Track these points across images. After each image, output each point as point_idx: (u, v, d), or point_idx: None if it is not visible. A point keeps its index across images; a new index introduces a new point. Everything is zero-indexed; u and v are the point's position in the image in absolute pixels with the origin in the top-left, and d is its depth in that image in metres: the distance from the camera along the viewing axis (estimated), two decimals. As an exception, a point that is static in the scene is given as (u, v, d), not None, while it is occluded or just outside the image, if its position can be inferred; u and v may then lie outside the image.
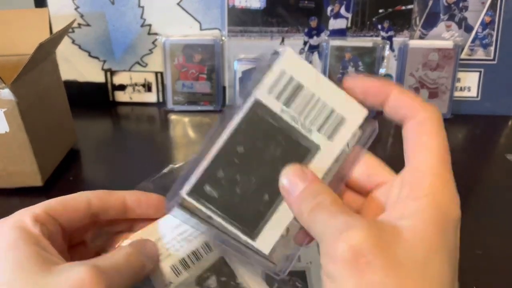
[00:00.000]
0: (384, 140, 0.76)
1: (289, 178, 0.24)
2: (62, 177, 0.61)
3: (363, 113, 0.25)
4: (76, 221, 0.28)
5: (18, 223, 0.25)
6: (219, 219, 0.24)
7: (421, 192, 0.22)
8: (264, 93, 0.24)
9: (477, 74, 0.81)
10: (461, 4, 0.77)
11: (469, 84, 0.82)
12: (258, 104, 0.24)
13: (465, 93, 0.82)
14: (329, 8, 0.78)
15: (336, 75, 0.79)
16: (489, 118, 0.81)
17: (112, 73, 0.83)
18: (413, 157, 0.24)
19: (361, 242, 0.20)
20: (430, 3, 0.77)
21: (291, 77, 0.24)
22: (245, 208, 0.24)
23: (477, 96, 0.82)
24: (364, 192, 0.28)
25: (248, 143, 0.24)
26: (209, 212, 0.24)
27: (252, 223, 0.24)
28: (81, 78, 0.84)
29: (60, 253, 0.25)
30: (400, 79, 0.79)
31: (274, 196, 0.24)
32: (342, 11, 0.77)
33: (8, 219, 0.26)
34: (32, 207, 0.27)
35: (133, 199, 0.29)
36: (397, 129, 0.25)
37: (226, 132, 0.23)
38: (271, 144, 0.24)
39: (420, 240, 0.21)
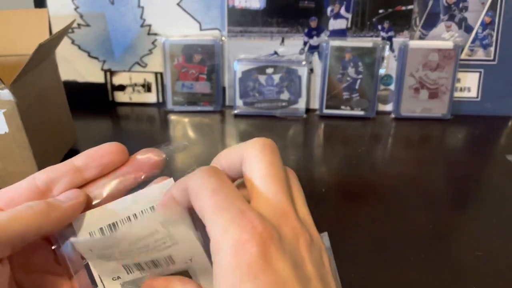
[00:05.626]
0: (384, 140, 0.76)
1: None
2: (61, 177, 0.61)
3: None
4: (18, 199, 0.25)
5: None
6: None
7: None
8: None
9: (477, 74, 0.81)
10: (461, 5, 0.77)
11: (469, 85, 0.82)
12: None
13: (465, 94, 0.82)
14: (329, 8, 0.77)
15: (336, 76, 0.79)
16: (489, 118, 0.81)
17: (112, 73, 0.83)
18: (249, 193, 0.24)
19: None
20: (430, 3, 0.77)
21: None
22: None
23: (477, 97, 0.82)
24: None
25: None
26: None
27: None
28: (81, 79, 0.83)
29: None
30: (400, 80, 0.79)
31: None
32: (342, 11, 0.77)
33: None
34: None
35: (81, 156, 0.27)
36: (397, 129, 0.25)
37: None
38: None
39: None
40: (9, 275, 0.24)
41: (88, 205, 0.26)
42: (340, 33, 0.79)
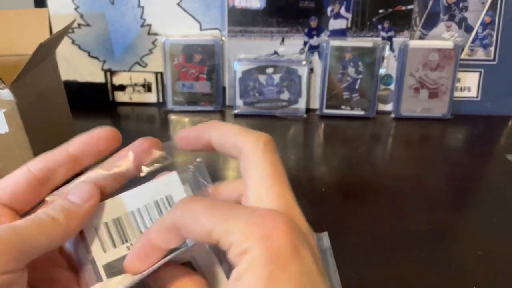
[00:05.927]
0: (384, 140, 0.76)
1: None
2: (62, 177, 0.61)
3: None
4: (21, 193, 0.26)
5: None
6: None
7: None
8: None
9: (477, 74, 0.81)
10: (461, 4, 0.77)
11: (469, 84, 0.82)
12: None
13: (465, 93, 0.82)
14: (329, 8, 0.77)
15: (336, 76, 0.79)
16: (489, 118, 0.81)
17: (112, 73, 0.83)
18: (248, 194, 0.24)
19: None
20: (430, 3, 0.77)
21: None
22: None
23: (477, 96, 0.82)
24: None
25: None
26: None
27: None
28: (81, 78, 0.84)
29: None
30: (400, 79, 0.79)
31: None
32: (342, 11, 0.77)
33: None
34: None
35: (76, 143, 0.27)
36: (397, 128, 0.25)
37: None
38: None
39: None
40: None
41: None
42: (340, 33, 0.79)
